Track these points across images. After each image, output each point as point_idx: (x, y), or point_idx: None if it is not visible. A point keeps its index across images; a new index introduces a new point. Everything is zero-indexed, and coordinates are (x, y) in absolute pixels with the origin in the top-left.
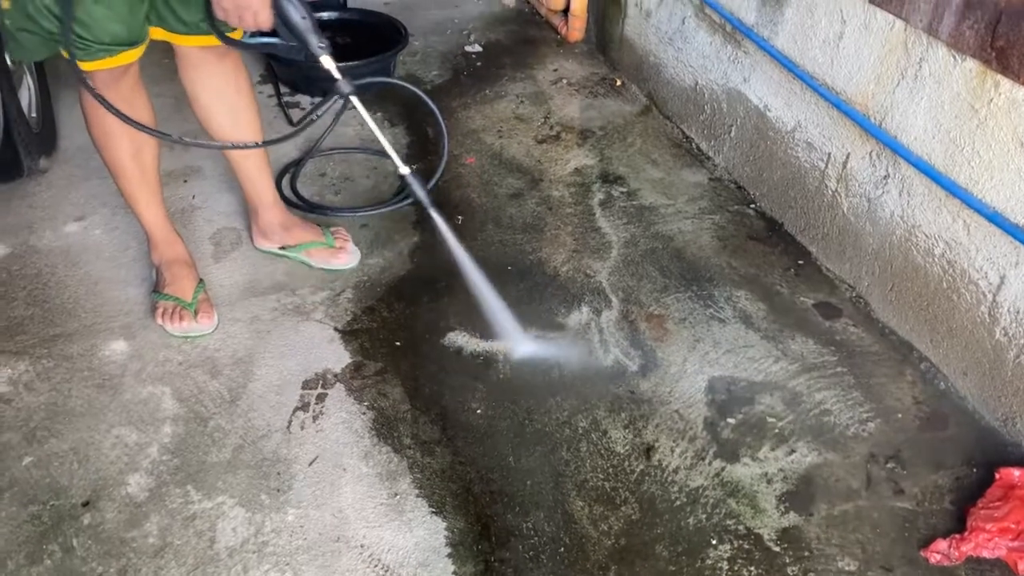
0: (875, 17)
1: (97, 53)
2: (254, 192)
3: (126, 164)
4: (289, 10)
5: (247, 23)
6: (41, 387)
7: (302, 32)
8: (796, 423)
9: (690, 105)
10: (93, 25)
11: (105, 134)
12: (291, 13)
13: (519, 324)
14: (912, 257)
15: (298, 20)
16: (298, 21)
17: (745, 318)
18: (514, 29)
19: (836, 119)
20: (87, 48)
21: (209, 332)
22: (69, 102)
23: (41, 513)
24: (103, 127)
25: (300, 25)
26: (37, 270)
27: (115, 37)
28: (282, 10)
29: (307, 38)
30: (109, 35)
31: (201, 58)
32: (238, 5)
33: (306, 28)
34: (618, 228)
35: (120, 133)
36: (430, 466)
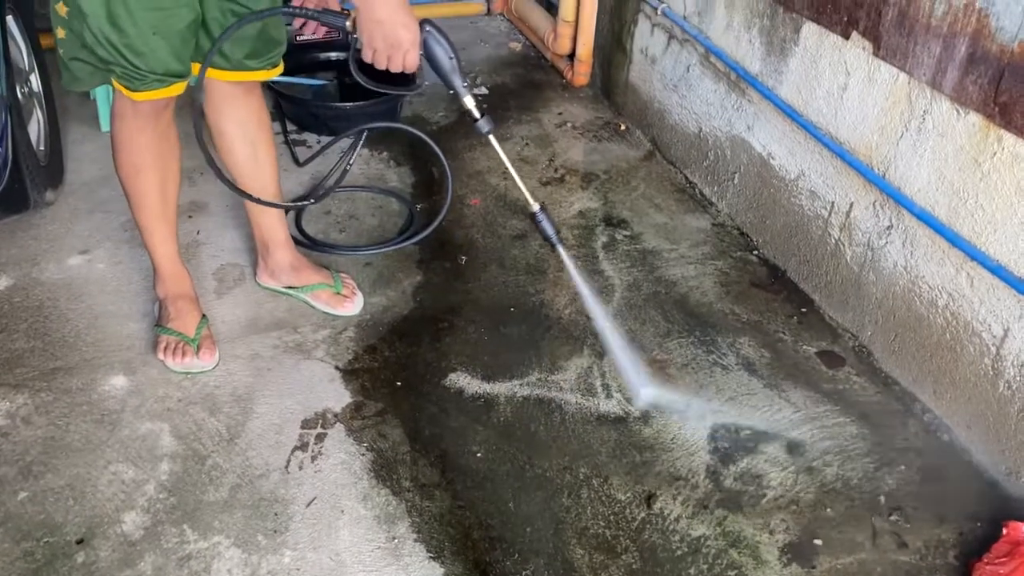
0: (879, 70)
1: (151, 84)
2: (266, 230)
3: (152, 197)
4: (437, 51)
5: (395, 64)
6: (39, 421)
7: (447, 72)
8: (799, 472)
9: (694, 151)
10: (150, 56)
11: (135, 167)
12: (439, 54)
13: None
14: (915, 308)
15: (445, 61)
16: (445, 62)
17: (748, 365)
18: (520, 73)
19: (840, 169)
20: (143, 79)
21: (210, 368)
22: (76, 136)
23: (35, 550)
24: (135, 159)
25: (446, 65)
26: (39, 302)
27: (168, 68)
28: (431, 51)
29: (452, 79)
30: (163, 66)
31: (231, 93)
32: (390, 45)
33: (451, 68)
34: (621, 272)
35: (151, 166)
36: (429, 510)
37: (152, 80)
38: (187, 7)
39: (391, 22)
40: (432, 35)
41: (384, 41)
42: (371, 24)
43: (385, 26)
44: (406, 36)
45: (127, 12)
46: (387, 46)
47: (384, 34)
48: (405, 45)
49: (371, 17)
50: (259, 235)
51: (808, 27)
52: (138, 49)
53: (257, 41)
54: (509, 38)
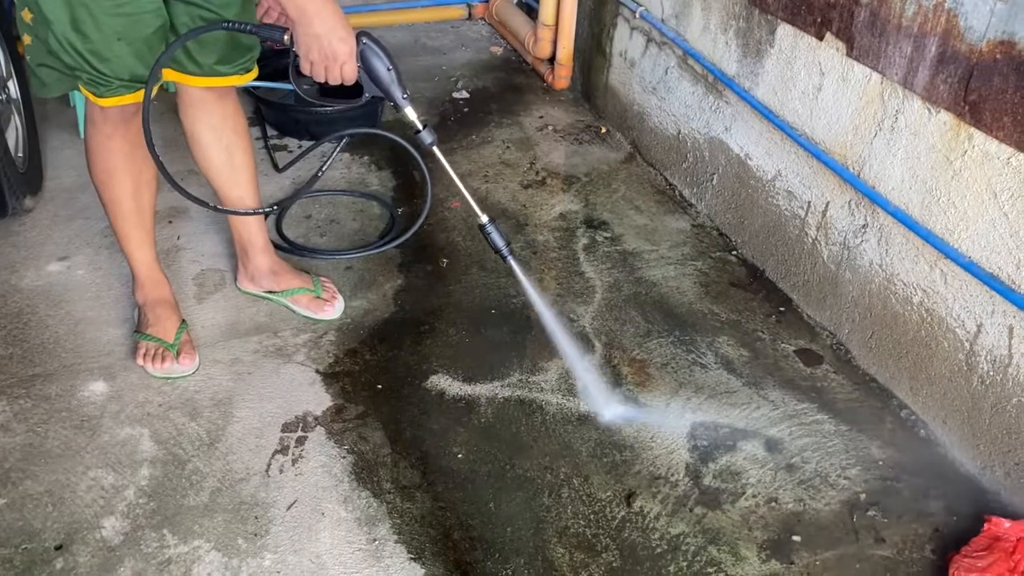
0: (852, 70)
1: (117, 89)
2: (246, 235)
3: (126, 203)
4: (375, 63)
5: (333, 76)
6: (18, 427)
7: (387, 85)
8: (777, 470)
9: (673, 153)
10: (115, 61)
11: (108, 172)
12: (377, 66)
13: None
14: (891, 305)
15: (383, 73)
16: (383, 74)
17: (727, 364)
18: (501, 76)
19: (816, 168)
20: (108, 84)
21: (190, 373)
22: (56, 143)
23: (12, 556)
24: (107, 165)
25: (385, 78)
26: (18, 309)
27: (134, 74)
28: (368, 63)
29: (391, 90)
30: (129, 72)
31: (202, 98)
32: (326, 57)
33: (390, 80)
34: (602, 273)
35: (123, 172)
36: (410, 511)
37: (118, 86)
38: (153, 13)
39: (327, 36)
40: (369, 47)
41: (320, 54)
42: (308, 38)
43: (322, 40)
44: (342, 49)
45: (91, 18)
46: (323, 58)
47: (320, 47)
48: (341, 58)
49: (308, 31)
50: (239, 240)
51: (783, 28)
52: (103, 55)
53: (227, 47)
54: (490, 42)
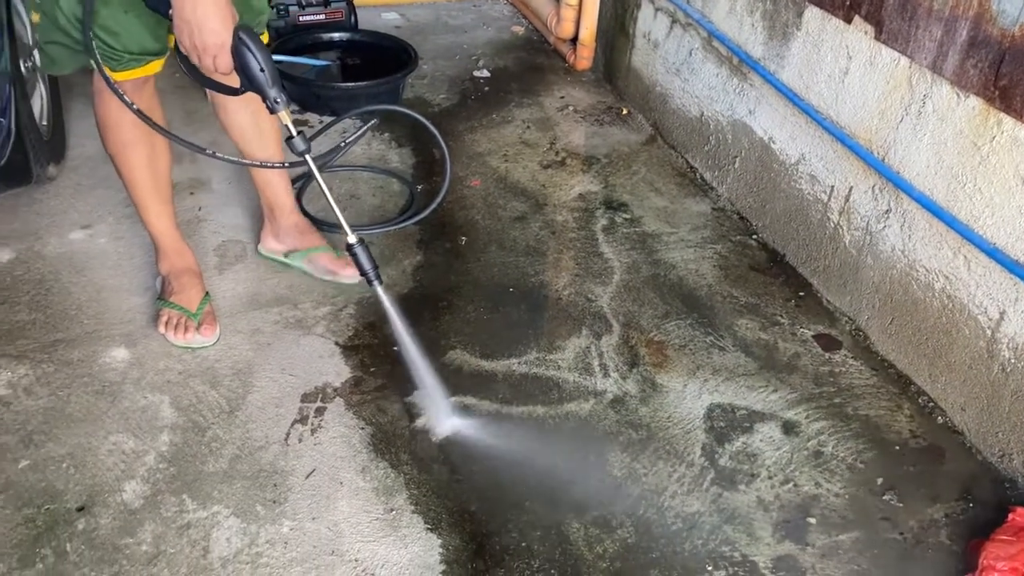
0: (880, 54)
1: (128, 63)
2: (273, 196)
3: (141, 174)
4: (249, 60)
5: (207, 66)
6: (40, 391)
7: (259, 84)
8: (794, 452)
9: (695, 135)
10: (123, 35)
11: (122, 143)
12: (250, 63)
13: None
14: (912, 291)
15: (256, 72)
16: (256, 73)
17: (745, 347)
18: (522, 56)
19: (840, 153)
20: (118, 58)
21: (211, 344)
22: (79, 112)
23: (35, 516)
24: (120, 137)
25: (258, 77)
26: (41, 276)
27: (143, 47)
28: (242, 58)
29: (264, 91)
30: (138, 45)
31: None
32: (196, 47)
33: (263, 81)
34: (620, 254)
35: (137, 142)
36: (427, 483)
37: (128, 60)
38: None
39: (198, 25)
40: (244, 43)
41: (191, 41)
42: (180, 22)
43: (191, 27)
44: (212, 41)
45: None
46: (193, 46)
47: (191, 34)
48: (212, 50)
49: (180, 15)
50: (266, 202)
51: (810, 11)
52: (112, 29)
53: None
54: (512, 22)
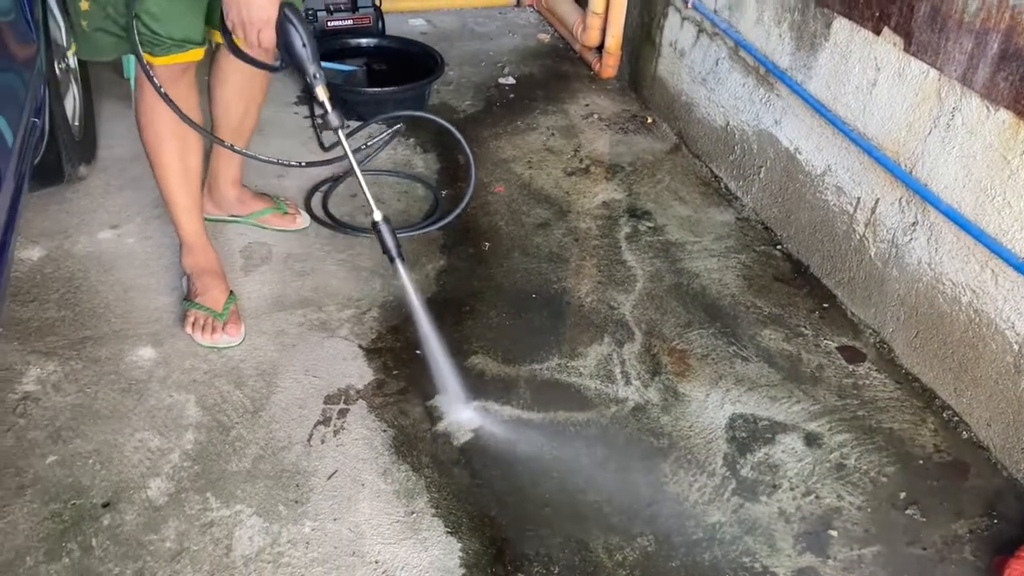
0: (909, 66)
1: (169, 49)
2: (223, 168)
3: (173, 166)
4: (292, 35)
5: (251, 40)
6: (69, 388)
7: (301, 59)
8: (816, 464)
9: (720, 145)
10: (166, 20)
11: (157, 136)
12: (294, 39)
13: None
14: (938, 304)
15: (299, 48)
16: (299, 49)
17: (768, 357)
18: (548, 64)
19: (866, 164)
20: (160, 43)
21: (237, 344)
22: (110, 114)
23: (62, 511)
24: (155, 129)
25: (300, 53)
26: (70, 274)
27: (185, 34)
28: (287, 34)
29: (305, 66)
30: (180, 31)
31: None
32: (244, 21)
33: (304, 56)
34: (644, 262)
35: (171, 136)
36: (448, 486)
37: (170, 45)
38: None
39: (246, 2)
40: (289, 20)
41: (239, 16)
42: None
43: (241, 3)
44: (259, 15)
45: None
46: (241, 21)
47: (239, 9)
48: (258, 24)
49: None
50: (212, 170)
51: (839, 22)
52: (156, 15)
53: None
54: (538, 29)
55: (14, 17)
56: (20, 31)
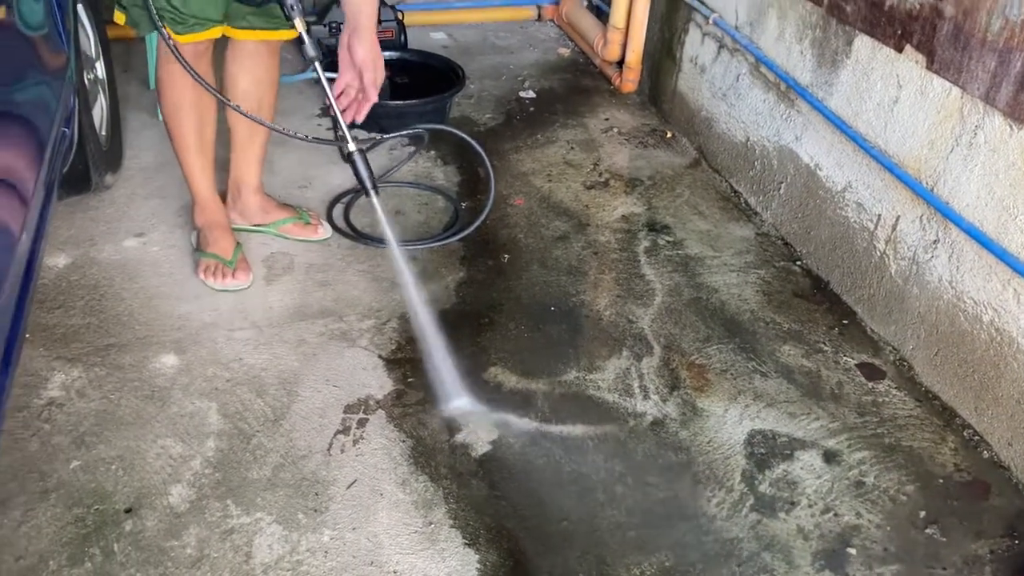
0: (931, 83)
1: (193, 27)
2: (244, 174)
3: (190, 135)
4: None
5: None
6: (93, 394)
7: None
8: (834, 481)
9: (740, 160)
10: (191, 1)
11: (176, 105)
12: None
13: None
14: (959, 323)
15: None
16: None
17: (787, 373)
18: (568, 78)
19: (887, 181)
20: (184, 22)
21: (246, 287)
22: (136, 124)
23: (85, 516)
24: (175, 100)
25: None
26: (95, 281)
27: (206, 14)
28: None
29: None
30: (202, 11)
31: (256, 50)
32: None
33: None
34: (663, 276)
35: (188, 107)
36: (466, 498)
37: (193, 23)
38: None
39: None
40: None
41: None
42: None
43: None
44: None
45: None
46: None
47: None
48: None
49: None
50: (233, 178)
51: (861, 39)
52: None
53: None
54: (558, 43)
55: (47, 30)
56: (52, 43)
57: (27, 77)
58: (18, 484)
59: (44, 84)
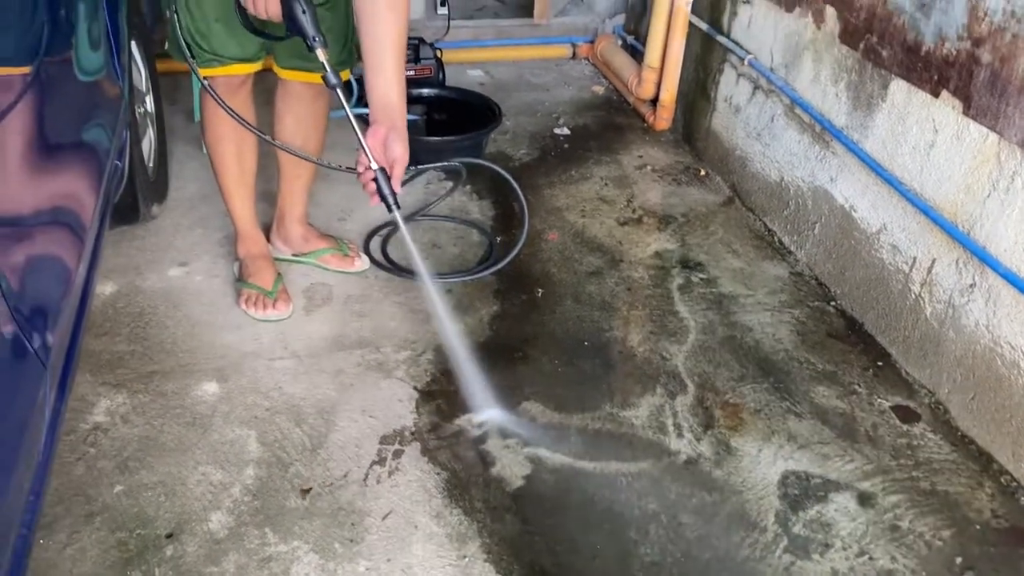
0: (968, 129)
1: (211, 62)
2: (290, 204)
3: (230, 165)
4: (294, 5)
5: (260, 9)
6: (136, 420)
7: (302, 24)
8: (869, 524)
9: (774, 199)
10: (213, 39)
11: (217, 137)
12: (295, 8)
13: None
14: (996, 368)
15: (299, 15)
16: (299, 15)
17: (821, 414)
18: (602, 115)
19: (923, 224)
20: (200, 55)
21: (287, 317)
22: (181, 156)
23: (127, 540)
24: (217, 131)
25: (300, 19)
26: (140, 309)
27: (228, 52)
28: (290, 5)
29: (305, 30)
30: (224, 49)
31: (300, 92)
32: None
33: (305, 22)
34: (696, 314)
35: (229, 137)
36: (499, 532)
37: (209, 58)
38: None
39: None
40: None
41: None
42: None
43: None
44: None
45: (196, 1)
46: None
47: None
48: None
49: None
50: (279, 206)
51: (897, 84)
52: (203, 32)
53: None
54: (592, 81)
55: (105, 72)
56: (109, 82)
57: (87, 118)
58: (64, 507)
59: (101, 122)
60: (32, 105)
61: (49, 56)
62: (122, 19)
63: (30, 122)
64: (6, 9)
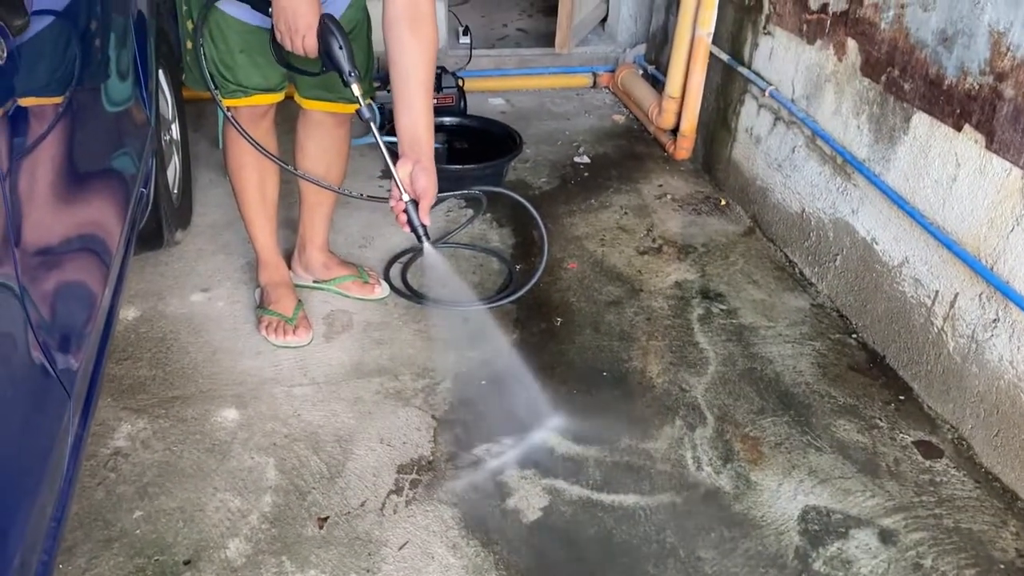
0: (991, 163)
1: (235, 93)
2: (311, 232)
3: (252, 192)
4: (331, 40)
5: (296, 45)
6: (156, 445)
7: (339, 60)
8: (891, 562)
9: (795, 231)
10: (237, 70)
11: (239, 164)
12: (332, 43)
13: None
14: (1020, 404)
15: (336, 50)
16: (336, 51)
17: (842, 449)
18: (622, 144)
19: (946, 258)
20: (224, 86)
21: (306, 344)
22: (204, 182)
23: (146, 566)
24: (239, 160)
25: (338, 55)
26: (162, 334)
27: (252, 83)
28: (326, 40)
29: (342, 66)
30: (248, 80)
31: (321, 120)
32: (290, 28)
33: (341, 57)
34: (716, 345)
35: (251, 165)
36: (516, 564)
37: (235, 89)
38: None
39: (291, 9)
40: (327, 27)
41: (285, 24)
42: (277, 8)
43: (287, 12)
44: (303, 23)
45: (220, 32)
46: (287, 28)
47: (286, 18)
48: (302, 30)
49: (277, 4)
50: (301, 233)
51: (919, 117)
52: (227, 63)
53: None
54: (613, 110)
55: (133, 102)
56: (137, 111)
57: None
58: (84, 532)
59: (128, 150)
60: (63, 134)
61: (81, 86)
62: (150, 48)
63: (61, 150)
64: (44, 41)
